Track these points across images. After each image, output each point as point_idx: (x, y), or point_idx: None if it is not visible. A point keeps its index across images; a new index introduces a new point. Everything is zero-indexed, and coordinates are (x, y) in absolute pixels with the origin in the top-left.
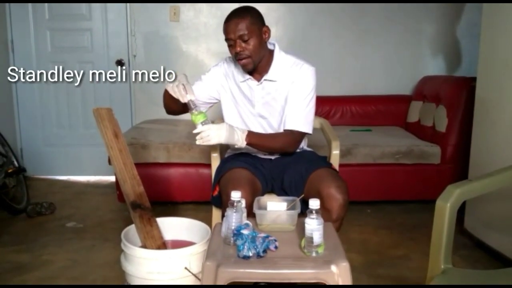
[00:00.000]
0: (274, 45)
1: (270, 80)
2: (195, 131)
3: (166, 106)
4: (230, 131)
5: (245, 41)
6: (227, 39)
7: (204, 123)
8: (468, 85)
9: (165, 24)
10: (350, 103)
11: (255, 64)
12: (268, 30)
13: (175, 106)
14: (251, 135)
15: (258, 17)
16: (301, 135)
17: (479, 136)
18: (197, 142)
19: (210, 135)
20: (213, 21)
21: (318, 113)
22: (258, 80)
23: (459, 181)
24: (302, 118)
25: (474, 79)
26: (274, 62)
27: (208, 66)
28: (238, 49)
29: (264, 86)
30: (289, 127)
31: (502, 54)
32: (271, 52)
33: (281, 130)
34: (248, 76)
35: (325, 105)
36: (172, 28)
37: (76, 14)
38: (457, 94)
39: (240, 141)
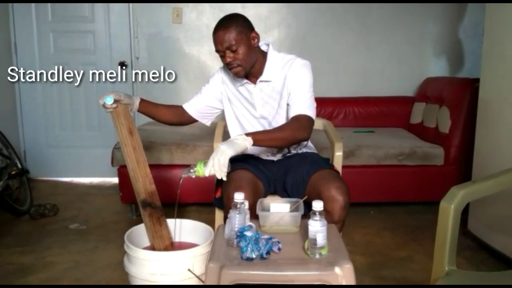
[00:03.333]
0: (268, 45)
1: (266, 81)
2: (207, 175)
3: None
4: (228, 143)
5: (233, 51)
6: (216, 51)
7: (206, 164)
8: (471, 86)
9: (167, 26)
10: (353, 105)
11: (247, 70)
12: (257, 36)
13: (172, 120)
14: (253, 133)
15: (244, 25)
16: (307, 120)
17: (482, 137)
18: (223, 177)
19: (217, 161)
20: (215, 22)
21: (321, 114)
22: (254, 82)
23: (462, 182)
24: (305, 103)
25: (477, 80)
26: (268, 63)
27: (211, 68)
28: (228, 59)
29: (262, 88)
30: (294, 113)
31: (506, 55)
32: (264, 54)
33: None
34: (244, 80)
35: (328, 106)
36: (174, 30)
37: (79, 16)
38: (460, 95)
39: (246, 142)
